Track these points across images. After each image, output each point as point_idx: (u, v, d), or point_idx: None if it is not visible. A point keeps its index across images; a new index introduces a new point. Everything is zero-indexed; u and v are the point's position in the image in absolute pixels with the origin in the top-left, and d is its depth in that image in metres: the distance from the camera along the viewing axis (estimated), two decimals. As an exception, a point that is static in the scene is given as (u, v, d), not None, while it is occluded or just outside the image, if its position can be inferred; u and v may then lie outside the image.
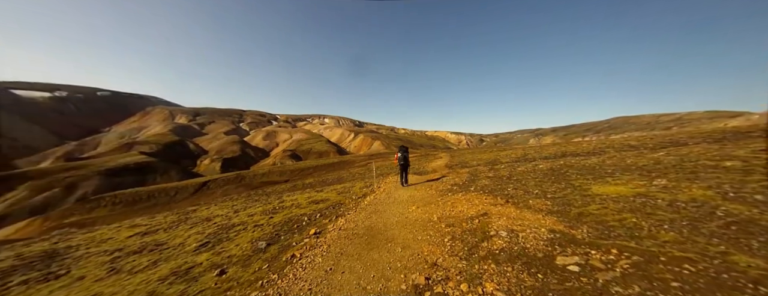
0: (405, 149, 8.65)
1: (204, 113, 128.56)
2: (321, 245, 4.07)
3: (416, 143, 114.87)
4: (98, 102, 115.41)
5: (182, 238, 6.00)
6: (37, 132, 78.98)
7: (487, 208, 4.92)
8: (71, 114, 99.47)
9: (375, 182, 10.84)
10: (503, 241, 3.40)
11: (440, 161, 20.94)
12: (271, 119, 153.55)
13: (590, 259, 2.76)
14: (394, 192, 7.89)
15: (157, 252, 5.19)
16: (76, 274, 4.55)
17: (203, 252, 4.64)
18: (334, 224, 5.23)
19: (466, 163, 16.05)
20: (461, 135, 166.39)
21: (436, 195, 6.74)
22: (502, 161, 14.33)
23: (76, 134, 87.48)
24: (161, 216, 11.11)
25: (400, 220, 4.98)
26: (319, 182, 21.62)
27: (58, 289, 4.02)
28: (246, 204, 11.03)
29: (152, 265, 4.36)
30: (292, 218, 6.28)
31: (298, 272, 3.20)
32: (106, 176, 43.00)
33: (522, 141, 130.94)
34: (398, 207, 5.97)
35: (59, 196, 36.74)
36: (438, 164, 17.83)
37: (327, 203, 7.80)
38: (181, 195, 32.45)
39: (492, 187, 6.78)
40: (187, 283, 3.34)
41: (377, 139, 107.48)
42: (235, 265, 3.75)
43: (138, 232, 7.60)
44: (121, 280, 3.86)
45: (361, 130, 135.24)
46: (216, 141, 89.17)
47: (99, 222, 22.81)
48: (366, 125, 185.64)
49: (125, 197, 31.30)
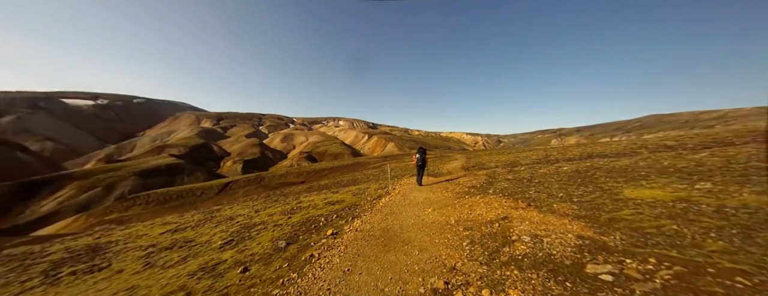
0: (423, 150, 9.08)
1: (226, 117, 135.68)
2: (338, 246, 4.12)
3: (430, 145, 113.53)
4: (134, 108, 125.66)
5: (208, 236, 6.34)
6: (82, 137, 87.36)
7: (508, 212, 4.73)
8: (111, 120, 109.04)
9: (390, 184, 10.83)
10: (526, 246, 3.25)
11: (456, 162, 20.52)
12: (288, 122, 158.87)
13: (625, 268, 2.56)
14: (409, 194, 7.83)
15: (186, 248, 5.52)
16: (116, 267, 4.95)
17: (228, 249, 4.86)
18: (351, 225, 5.27)
19: (483, 165, 15.60)
20: (477, 136, 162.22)
21: (453, 198, 6.60)
22: (521, 163, 13.77)
23: (116, 138, 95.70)
24: (189, 215, 11.80)
25: (417, 222, 4.92)
26: (334, 183, 21.96)
27: (101, 281, 4.39)
28: (266, 204, 11.44)
29: (182, 261, 4.64)
30: (309, 219, 6.41)
31: (316, 272, 3.26)
32: (141, 176, 46.58)
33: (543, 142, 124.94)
34: (414, 209, 5.91)
35: (100, 195, 40.28)
36: (453, 166, 17.48)
37: (343, 204, 7.89)
38: (206, 195, 34.34)
39: (512, 190, 6.52)
40: (213, 279, 3.51)
41: (391, 140, 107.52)
42: (257, 263, 3.89)
43: (169, 229, 8.12)
44: (155, 274, 4.15)
45: (374, 132, 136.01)
46: (238, 144, 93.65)
47: (134, 219, 24.69)
48: (380, 126, 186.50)
49: (157, 196, 33.66)
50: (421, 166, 8.92)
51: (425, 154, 9.01)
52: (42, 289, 4.48)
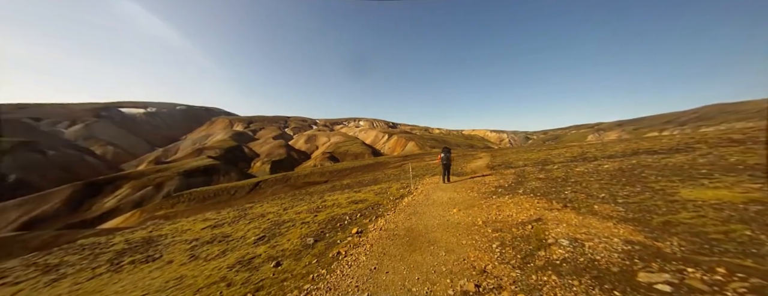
0: (448, 150, 9.35)
1: (256, 120, 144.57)
2: (364, 244, 4.17)
3: (452, 143, 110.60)
4: (177, 115, 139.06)
5: (243, 231, 6.79)
6: (135, 141, 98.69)
7: (541, 213, 4.44)
8: (158, 126, 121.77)
9: (411, 184, 10.73)
10: (565, 251, 3.02)
11: (480, 161, 19.75)
12: (311, 123, 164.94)
13: (687, 278, 2.26)
14: (432, 194, 7.69)
15: (224, 242, 5.96)
16: (167, 258, 5.50)
17: (261, 244, 5.17)
18: (375, 224, 5.31)
19: (511, 163, 14.82)
20: (503, 133, 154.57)
21: (479, 198, 6.35)
22: (554, 161, 12.85)
23: (162, 142, 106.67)
24: (225, 212, 12.75)
25: (442, 223, 4.81)
26: (356, 182, 22.33)
27: (155, 270, 4.91)
28: (292, 203, 11.97)
29: (221, 254, 5.02)
30: (334, 217, 6.58)
31: (344, 269, 3.33)
32: (184, 176, 51.42)
33: (577, 138, 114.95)
34: (438, 209, 5.79)
35: (151, 193, 45.19)
36: (478, 165, 16.84)
37: (365, 203, 7.99)
38: (239, 193, 36.90)
39: (544, 190, 6.10)
40: (250, 272, 3.75)
41: (411, 140, 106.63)
42: (288, 258, 4.08)
43: (209, 225, 8.85)
44: (199, 265, 4.54)
45: (394, 131, 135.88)
46: (266, 145, 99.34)
47: (179, 215, 27.30)
48: (399, 125, 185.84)
49: (197, 194, 36.91)
50: (447, 165, 9.18)
51: (450, 153, 9.25)
52: (108, 275, 5.13)
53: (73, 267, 6.16)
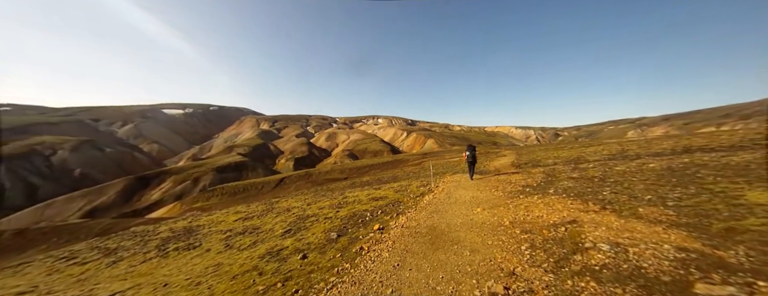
0: (473, 147, 9.57)
1: (280, 119, 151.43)
2: (386, 240, 4.19)
3: (473, 140, 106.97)
4: (211, 115, 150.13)
5: (271, 224, 7.17)
6: (176, 139, 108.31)
7: (576, 215, 4.13)
8: (195, 125, 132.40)
9: (432, 182, 10.58)
10: (605, 256, 2.78)
11: (504, 159, 18.88)
12: (331, 121, 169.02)
13: (756, 293, 1.98)
14: (454, 192, 7.52)
15: (255, 234, 6.35)
16: (205, 247, 5.99)
17: (288, 237, 5.42)
18: (396, 221, 5.32)
19: (539, 161, 13.99)
20: (529, 130, 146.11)
21: (505, 197, 6.08)
22: (588, 159, 11.91)
23: (198, 140, 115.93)
24: (254, 205, 13.56)
25: (465, 222, 4.69)
26: (376, 180, 22.52)
27: (195, 257, 5.37)
28: (315, 198, 12.39)
29: (253, 245, 5.35)
30: (356, 213, 6.70)
31: (368, 264, 3.38)
32: (217, 172, 55.55)
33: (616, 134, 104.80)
34: (461, 208, 5.64)
35: (189, 187, 49.44)
36: (502, 163, 16.13)
37: (386, 200, 8.02)
38: (265, 188, 39.05)
39: (579, 190, 5.68)
40: (279, 262, 3.96)
41: (430, 137, 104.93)
42: (313, 251, 4.24)
43: (240, 217, 9.47)
44: (233, 254, 4.89)
45: (413, 128, 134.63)
46: (289, 143, 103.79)
47: (214, 207, 29.59)
48: (418, 123, 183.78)
49: (229, 189, 39.69)
50: (472, 162, 9.39)
51: (475, 151, 9.45)
52: (157, 260, 5.72)
53: (127, 252, 6.96)
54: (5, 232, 21.02)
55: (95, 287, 4.52)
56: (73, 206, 41.21)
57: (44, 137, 63.32)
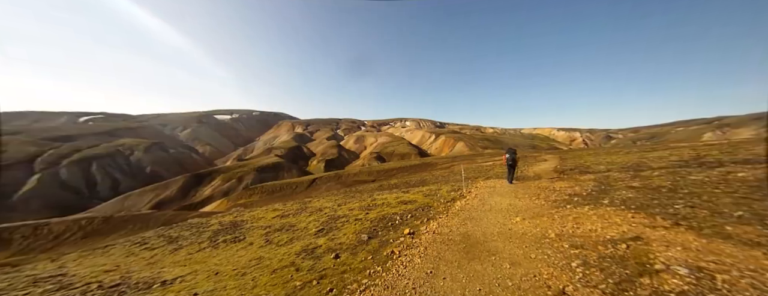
0: (513, 150, 9.49)
1: (312, 123, 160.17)
2: (417, 246, 4.11)
3: (508, 144, 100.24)
4: (253, 120, 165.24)
5: (305, 223, 7.55)
6: (224, 142, 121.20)
7: (640, 230, 3.58)
8: (240, 129, 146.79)
9: (463, 187, 10.13)
10: (683, 281, 2.35)
11: (545, 164, 17.31)
12: (360, 124, 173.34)
13: None
14: (488, 199, 7.09)
15: (291, 232, 6.74)
16: (248, 240, 6.53)
17: (321, 236, 5.64)
18: (427, 226, 5.19)
19: (588, 167, 12.53)
20: (575, 132, 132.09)
21: (548, 206, 5.54)
22: (651, 166, 10.32)
23: (243, 142, 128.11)
24: (290, 204, 14.43)
25: (502, 231, 4.37)
26: (403, 183, 22.36)
27: (240, 249, 5.88)
28: (345, 200, 12.73)
29: (289, 242, 5.68)
30: (385, 216, 6.71)
31: (400, 269, 3.34)
32: (258, 172, 60.63)
33: (688, 136, 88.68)
34: (497, 216, 5.28)
35: (234, 185, 54.70)
36: (542, 169, 14.80)
37: (415, 204, 7.90)
38: (299, 188, 41.40)
39: (642, 201, 4.92)
40: (314, 260, 4.13)
41: (460, 140, 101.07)
42: (345, 252, 4.33)
43: (278, 214, 10.15)
44: (273, 249, 5.24)
45: (442, 131, 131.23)
46: (320, 145, 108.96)
47: (254, 204, 32.24)
48: (447, 125, 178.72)
49: (268, 188, 42.95)
50: (512, 165, 9.32)
51: (516, 154, 9.33)
52: (209, 250, 6.40)
53: (186, 241, 7.91)
54: (96, 218, 25.51)
55: (162, 270, 5.21)
56: (144, 198, 48.45)
57: (125, 140, 75.96)
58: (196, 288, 3.80)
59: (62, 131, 75.47)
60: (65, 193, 51.37)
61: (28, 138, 63.48)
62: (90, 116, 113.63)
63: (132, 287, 4.29)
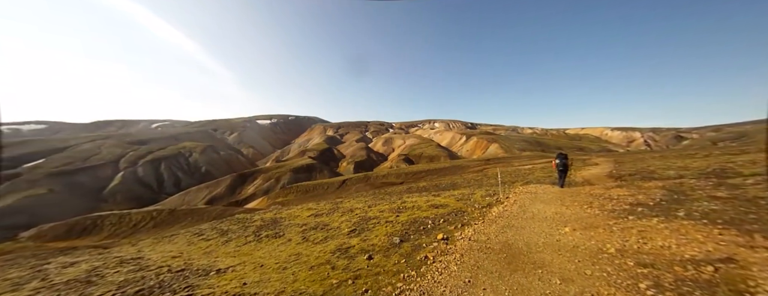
0: (563, 155, 9.24)
1: (342, 126, 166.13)
2: (452, 252, 3.95)
3: (550, 146, 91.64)
4: (290, 124, 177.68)
5: (338, 223, 7.80)
6: (265, 145, 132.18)
7: (732, 250, 2.96)
8: (278, 132, 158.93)
9: (500, 191, 9.51)
10: (803, 320, 1.86)
11: (596, 168, 15.40)
12: (388, 127, 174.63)
13: None
14: (530, 206, 6.53)
15: (325, 230, 7.02)
16: (287, 237, 6.98)
17: (353, 236, 5.78)
18: (461, 232, 4.97)
19: (653, 173, 10.84)
20: (634, 131, 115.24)
21: (604, 217, 4.90)
22: (742, 172, 8.51)
23: (280, 145, 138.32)
24: (322, 204, 15.09)
25: (549, 242, 3.98)
26: (433, 186, 21.82)
27: (280, 245, 6.30)
28: (375, 201, 12.87)
29: (324, 240, 5.93)
30: (416, 220, 6.60)
31: (435, 275, 3.24)
32: (293, 172, 64.79)
33: (788, 137, 71.17)
34: (542, 225, 4.83)
35: (273, 184, 59.16)
36: (593, 174, 13.20)
37: (447, 208, 7.64)
38: (330, 189, 43.10)
39: (732, 215, 4.07)
40: (348, 260, 4.24)
41: (494, 141, 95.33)
42: (378, 253, 4.36)
43: (312, 213, 10.68)
44: (309, 247, 5.51)
45: (473, 132, 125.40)
46: (350, 148, 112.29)
47: (290, 203, 34.39)
48: (479, 126, 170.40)
49: (302, 187, 45.57)
50: (563, 171, 9.10)
51: (567, 159, 9.10)
52: (254, 243, 6.99)
53: (234, 234, 8.76)
54: (164, 211, 29.66)
55: (216, 259, 5.84)
56: (200, 194, 55.04)
57: (185, 143, 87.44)
58: (245, 278, 4.17)
59: (139, 135, 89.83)
60: (141, 188, 60.86)
61: (115, 142, 76.81)
62: (160, 123, 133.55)
63: (194, 273, 4.88)
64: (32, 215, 37.93)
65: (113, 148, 71.45)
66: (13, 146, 65.24)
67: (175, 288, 4.13)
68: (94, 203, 49.90)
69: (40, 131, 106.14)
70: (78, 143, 72.65)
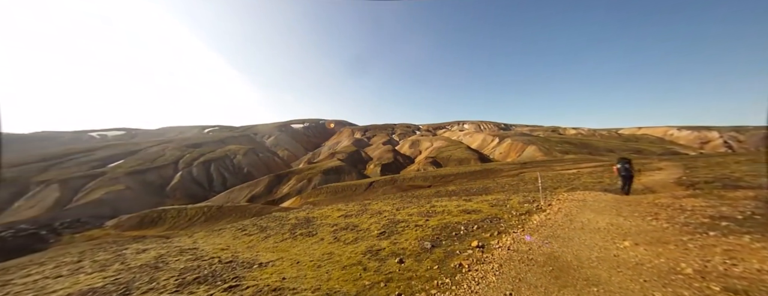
0: (627, 160, 8.63)
1: (370, 128, 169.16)
2: (489, 261, 3.72)
3: (599, 148, 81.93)
4: (320, 127, 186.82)
5: (367, 224, 7.91)
6: (298, 147, 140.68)
7: None
8: (310, 136, 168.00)
9: (541, 198, 8.74)
10: None
11: (660, 174, 13.32)
12: (414, 129, 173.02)
13: None
14: (578, 215, 5.88)
15: (355, 231, 7.16)
16: (319, 236, 7.27)
17: (383, 239, 5.79)
18: (499, 241, 4.66)
19: (738, 179, 9.03)
20: (709, 131, 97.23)
21: (676, 231, 4.19)
22: None
23: (312, 147, 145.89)
24: (351, 205, 15.45)
25: (605, 257, 3.52)
26: (463, 190, 20.93)
27: (314, 243, 6.59)
28: (402, 204, 12.78)
29: (354, 241, 6.04)
30: (447, 225, 6.38)
31: (472, 285, 3.08)
32: (324, 174, 67.68)
33: None
34: (594, 237, 4.31)
35: (305, 185, 62.42)
36: (656, 180, 11.44)
37: (480, 214, 7.25)
38: (358, 191, 43.99)
39: None
40: (379, 262, 4.26)
41: (532, 143, 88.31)
42: (409, 258, 4.31)
43: (342, 214, 10.99)
44: (341, 246, 5.67)
45: (507, 134, 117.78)
46: (377, 150, 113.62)
47: (321, 203, 35.86)
48: (514, 127, 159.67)
49: (331, 188, 47.30)
50: (627, 177, 8.38)
51: (630, 164, 8.41)
52: (290, 240, 7.42)
53: (272, 230, 9.41)
54: (213, 207, 33.07)
55: (258, 254, 6.33)
56: (242, 193, 60.39)
57: (231, 146, 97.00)
58: (284, 273, 4.43)
59: (194, 139, 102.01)
60: (195, 186, 68.86)
61: (176, 145, 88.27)
62: (211, 128, 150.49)
63: (240, 265, 5.34)
64: (113, 207, 45.39)
65: (174, 151, 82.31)
66: (102, 149, 79.23)
67: (225, 278, 4.56)
68: (159, 198, 57.85)
69: (120, 136, 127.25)
70: (148, 147, 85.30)
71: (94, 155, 73.21)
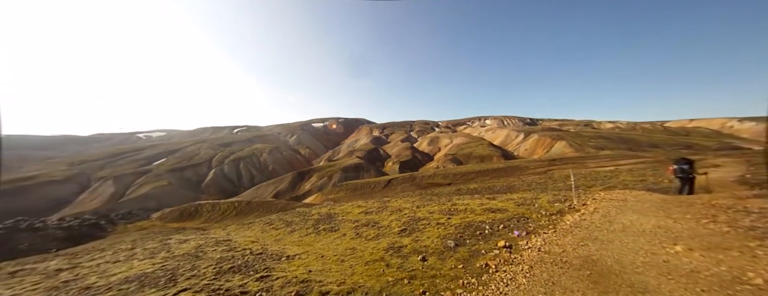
0: (686, 161, 7.71)
1: (388, 126, 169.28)
2: (518, 262, 3.56)
3: (641, 142, 74.46)
4: (339, 125, 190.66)
5: (387, 221, 7.94)
6: (319, 145, 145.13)
7: None
8: (329, 134, 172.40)
9: (574, 197, 8.16)
10: None
11: (717, 171, 11.78)
12: (433, 126, 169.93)
13: None
14: (618, 216, 5.40)
15: (376, 228, 7.23)
16: (341, 231, 7.45)
17: (404, 236, 5.78)
18: (528, 241, 4.44)
19: (821, 179, 7.70)
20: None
21: (740, 236, 3.69)
22: None
23: (332, 145, 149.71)
24: (371, 202, 15.61)
25: (652, 263, 3.20)
26: (485, 188, 20.22)
27: (336, 239, 6.77)
28: (422, 202, 12.65)
29: (376, 237, 6.11)
30: (471, 224, 6.21)
31: (500, 286, 2.97)
32: (343, 171, 69.21)
33: None
34: (638, 241, 3.93)
35: (326, 182, 64.31)
36: (713, 179, 10.13)
37: (505, 213, 6.95)
38: (377, 188, 44.38)
39: None
40: (401, 259, 4.26)
41: (561, 139, 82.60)
42: (432, 256, 4.26)
43: (362, 210, 11.16)
44: (363, 242, 5.76)
45: (533, 129, 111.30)
46: (395, 148, 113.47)
47: (341, 199, 36.73)
48: (541, 122, 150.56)
49: (351, 185, 48.23)
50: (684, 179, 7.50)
51: (691, 165, 7.43)
52: (313, 235, 7.70)
53: (297, 225, 9.82)
54: (243, 202, 35.27)
55: (285, 247, 6.66)
56: (268, 189, 63.79)
57: (257, 145, 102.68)
58: (310, 266, 4.61)
59: (225, 139, 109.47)
60: (226, 183, 74.04)
61: (209, 145, 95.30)
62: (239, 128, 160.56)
63: (269, 256, 5.65)
64: (158, 201, 50.43)
65: (208, 150, 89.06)
66: (148, 149, 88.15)
67: (257, 268, 4.85)
68: (196, 194, 63.16)
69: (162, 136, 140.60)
70: (185, 146, 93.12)
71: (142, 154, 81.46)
